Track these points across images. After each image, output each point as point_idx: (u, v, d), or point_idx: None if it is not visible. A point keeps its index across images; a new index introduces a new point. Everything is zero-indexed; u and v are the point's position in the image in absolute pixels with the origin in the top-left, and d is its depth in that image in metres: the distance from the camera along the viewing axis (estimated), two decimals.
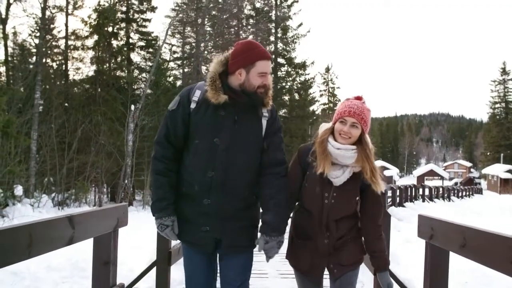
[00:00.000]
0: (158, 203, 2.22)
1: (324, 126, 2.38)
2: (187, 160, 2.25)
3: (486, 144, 67.65)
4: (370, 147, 2.26)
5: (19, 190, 12.37)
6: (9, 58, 18.89)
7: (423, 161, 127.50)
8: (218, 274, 2.45)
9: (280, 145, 2.33)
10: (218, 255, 2.38)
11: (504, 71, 64.24)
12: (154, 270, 3.69)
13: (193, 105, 2.22)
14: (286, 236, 2.39)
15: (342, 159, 2.21)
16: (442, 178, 68.48)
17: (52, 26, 21.34)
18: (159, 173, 2.23)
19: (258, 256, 2.46)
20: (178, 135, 2.23)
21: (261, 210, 2.34)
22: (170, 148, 2.24)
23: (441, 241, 2.41)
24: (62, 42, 22.67)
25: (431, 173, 70.87)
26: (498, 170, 53.86)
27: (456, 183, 57.38)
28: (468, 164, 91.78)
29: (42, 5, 19.16)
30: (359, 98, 2.30)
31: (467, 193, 31.37)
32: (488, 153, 64.72)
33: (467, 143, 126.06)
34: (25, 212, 11.81)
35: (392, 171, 65.38)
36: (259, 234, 2.29)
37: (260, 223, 2.30)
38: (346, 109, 2.22)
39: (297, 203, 2.44)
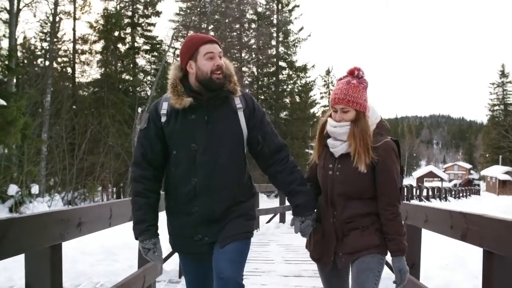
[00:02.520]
0: (138, 226, 2.14)
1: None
2: (170, 174, 2.20)
3: (485, 146, 68.10)
4: (363, 126, 2.16)
5: (35, 188, 13.10)
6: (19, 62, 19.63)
7: (423, 163, 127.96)
8: None
9: (273, 131, 2.28)
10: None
11: (503, 74, 64.69)
12: (176, 254, 4.34)
13: (163, 119, 2.14)
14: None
15: (338, 136, 2.19)
16: (441, 179, 69.02)
17: (60, 30, 22.09)
18: (138, 195, 2.15)
19: (265, 246, 2.56)
20: (155, 151, 2.16)
21: (285, 199, 2.48)
22: (148, 168, 2.16)
23: (413, 219, 3.10)
24: (70, 46, 23.47)
25: (431, 175, 71.53)
26: (496, 171, 54.44)
27: (455, 185, 58.05)
28: (468, 166, 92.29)
29: (52, 11, 19.93)
30: (352, 73, 2.23)
31: (464, 194, 32.07)
32: (487, 155, 65.17)
33: (467, 145, 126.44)
34: (42, 210, 12.55)
35: None
36: (291, 217, 2.29)
37: (292, 208, 2.26)
38: (332, 97, 2.21)
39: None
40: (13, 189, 12.36)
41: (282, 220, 10.93)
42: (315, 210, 2.25)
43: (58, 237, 1.95)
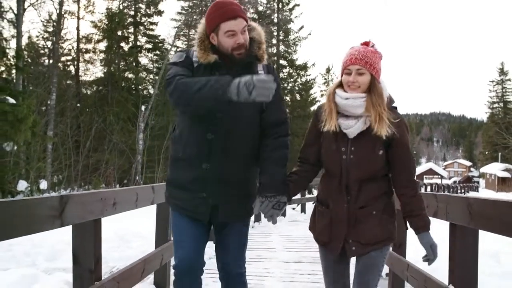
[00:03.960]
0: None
1: (332, 83, 2.23)
2: (185, 122, 2.13)
3: (485, 144, 68.49)
4: (380, 92, 2.05)
5: (44, 184, 13.52)
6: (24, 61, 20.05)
7: (423, 160, 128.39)
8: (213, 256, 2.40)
9: (280, 104, 2.20)
10: (213, 230, 2.28)
11: (502, 72, 65.05)
12: None
13: (195, 64, 2.10)
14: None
15: (351, 109, 2.03)
16: (441, 177, 69.43)
17: (64, 29, 22.50)
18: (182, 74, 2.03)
19: (267, 236, 2.39)
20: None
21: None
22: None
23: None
24: (74, 45, 23.90)
25: (430, 172, 71.99)
26: (495, 168, 54.83)
27: (455, 182, 58.43)
28: (468, 163, 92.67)
29: (58, 11, 20.33)
30: (366, 44, 2.13)
31: (462, 191, 32.50)
32: (486, 152, 65.56)
33: (467, 142, 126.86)
34: None
35: None
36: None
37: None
38: (347, 58, 2.06)
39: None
40: (22, 185, 12.74)
41: (283, 213, 11.34)
42: (282, 196, 2.10)
43: (99, 213, 2.37)
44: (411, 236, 4.08)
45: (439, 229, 3.55)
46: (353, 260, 2.20)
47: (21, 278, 3.31)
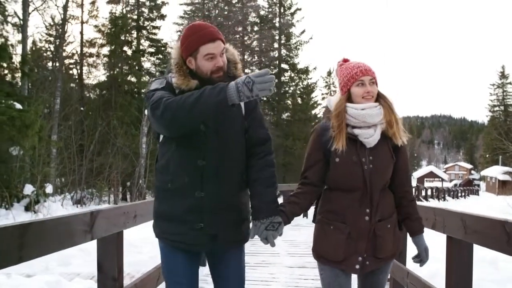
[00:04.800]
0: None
1: (333, 100, 2.21)
2: (169, 152, 2.03)
3: (485, 147, 68.64)
4: (390, 99, 2.13)
5: (49, 188, 13.71)
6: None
7: (424, 163, 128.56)
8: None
9: (261, 121, 2.16)
10: (207, 259, 2.20)
11: (503, 75, 65.28)
12: None
13: (176, 90, 2.02)
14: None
15: (370, 119, 2.05)
16: (442, 179, 69.56)
17: (68, 34, 22.73)
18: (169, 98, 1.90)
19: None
20: None
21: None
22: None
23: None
24: (77, 49, 24.15)
25: (431, 175, 72.13)
26: (496, 172, 54.96)
27: (455, 185, 58.64)
28: (469, 166, 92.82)
29: (62, 16, 20.56)
30: (347, 61, 2.21)
31: (462, 194, 32.66)
32: (487, 155, 65.67)
33: (468, 145, 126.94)
34: (56, 209, 13.18)
35: None
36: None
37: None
38: (357, 70, 2.08)
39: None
40: (28, 189, 12.92)
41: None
42: (275, 216, 2.02)
43: (121, 226, 2.56)
44: (411, 244, 4.28)
45: (434, 240, 3.75)
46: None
47: (46, 284, 3.50)
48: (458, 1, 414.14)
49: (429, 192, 24.06)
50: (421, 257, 2.18)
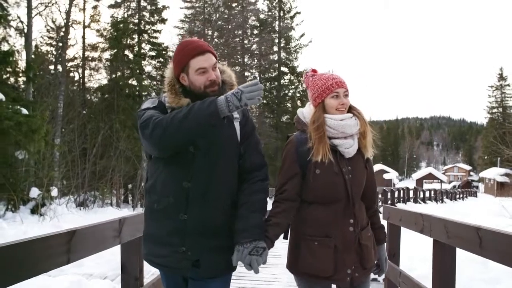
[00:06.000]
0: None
1: (305, 112, 2.22)
2: (156, 172, 2.01)
3: (484, 148, 68.93)
4: (360, 110, 2.17)
5: (55, 191, 14.00)
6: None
7: (423, 165, 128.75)
8: None
9: (258, 147, 2.11)
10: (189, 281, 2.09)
11: (501, 77, 65.63)
12: None
13: (168, 110, 1.99)
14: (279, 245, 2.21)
15: (349, 129, 2.07)
16: (440, 181, 69.81)
17: (70, 38, 23.04)
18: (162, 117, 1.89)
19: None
20: None
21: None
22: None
23: (392, 219, 4.00)
24: (79, 53, 24.49)
25: (430, 176, 72.38)
26: (494, 173, 55.23)
27: (454, 186, 58.90)
28: (468, 167, 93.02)
29: (65, 21, 20.87)
30: (315, 71, 2.25)
31: (461, 196, 32.99)
32: (486, 157, 65.96)
33: (467, 146, 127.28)
34: (62, 211, 13.48)
35: (391, 174, 66.93)
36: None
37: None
38: (332, 82, 2.10)
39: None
40: (34, 192, 13.20)
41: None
42: (259, 241, 1.91)
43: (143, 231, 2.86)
44: (404, 245, 4.57)
45: (427, 243, 4.05)
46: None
47: (70, 284, 3.79)
48: (457, 3, 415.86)
49: (427, 194, 24.38)
50: (382, 267, 2.26)
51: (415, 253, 6.40)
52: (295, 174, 2.09)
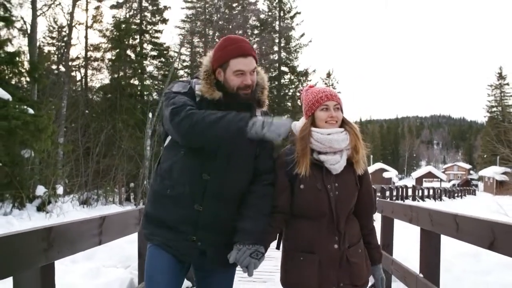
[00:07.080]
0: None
1: (298, 125, 2.18)
2: (175, 157, 1.99)
3: (484, 147, 69.18)
4: (354, 124, 2.13)
5: (60, 189, 14.31)
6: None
7: (423, 163, 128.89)
8: None
9: (271, 152, 2.13)
10: (195, 274, 2.17)
11: (500, 76, 65.90)
12: None
13: (197, 98, 1.99)
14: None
15: (336, 144, 2.02)
16: (440, 180, 70.06)
17: (73, 38, 23.35)
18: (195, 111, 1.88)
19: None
20: None
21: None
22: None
23: (385, 212, 4.31)
24: (82, 53, 24.81)
25: (430, 175, 72.65)
26: (494, 172, 55.50)
27: (453, 185, 59.23)
28: (468, 166, 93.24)
29: (68, 22, 21.16)
30: (312, 87, 2.21)
31: (459, 194, 33.31)
32: (485, 156, 66.22)
33: (467, 145, 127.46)
34: (68, 209, 13.79)
35: (391, 173, 67.27)
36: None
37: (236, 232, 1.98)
38: (322, 95, 2.08)
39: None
40: (40, 190, 13.50)
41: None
42: (260, 246, 1.94)
43: None
44: (397, 236, 4.87)
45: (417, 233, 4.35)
46: None
47: (89, 271, 4.10)
48: (457, 2, 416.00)
49: (425, 192, 24.70)
50: (377, 287, 2.21)
51: (410, 243, 6.71)
52: (285, 188, 2.09)
